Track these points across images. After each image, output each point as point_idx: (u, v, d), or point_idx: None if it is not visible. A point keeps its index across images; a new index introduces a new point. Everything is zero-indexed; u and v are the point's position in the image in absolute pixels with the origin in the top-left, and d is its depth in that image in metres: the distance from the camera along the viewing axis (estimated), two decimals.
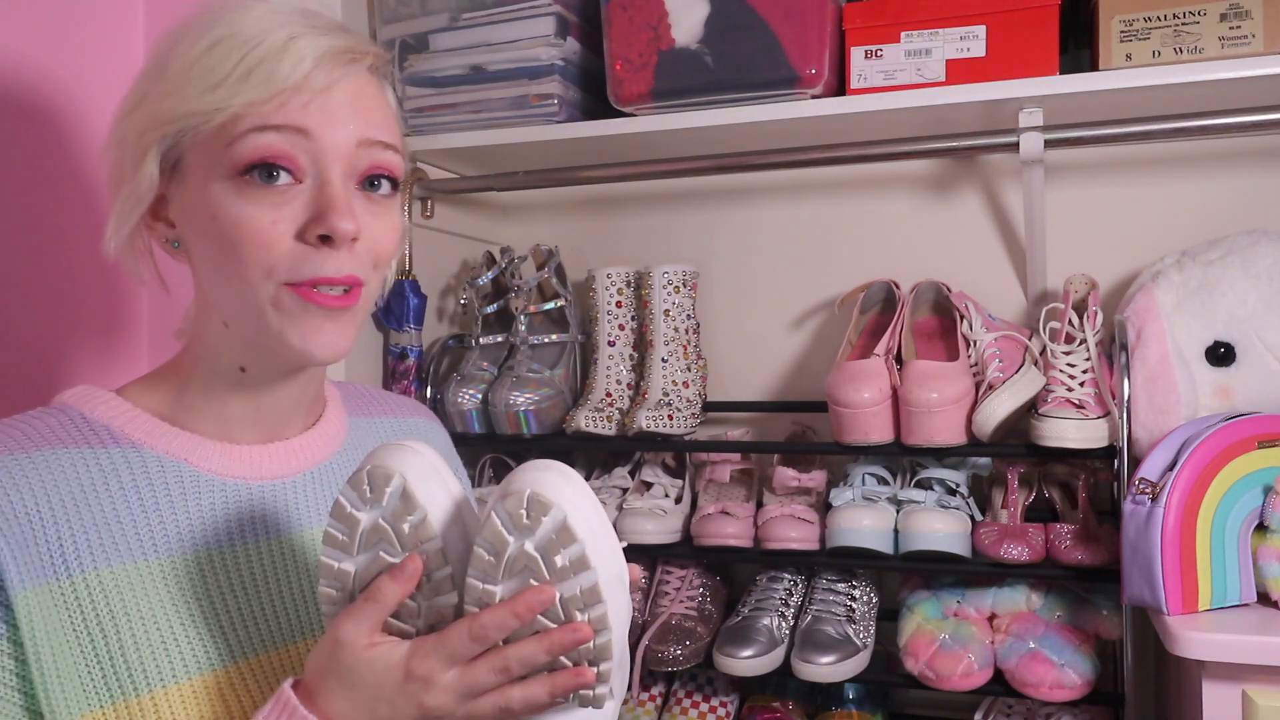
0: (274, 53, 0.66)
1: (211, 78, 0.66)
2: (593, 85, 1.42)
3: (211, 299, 0.72)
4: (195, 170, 0.69)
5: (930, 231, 1.51)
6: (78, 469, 0.69)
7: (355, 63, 0.71)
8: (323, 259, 0.68)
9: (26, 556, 0.65)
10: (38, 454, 0.68)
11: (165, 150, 0.69)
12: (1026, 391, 1.22)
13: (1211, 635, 0.97)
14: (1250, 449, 1.05)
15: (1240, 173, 1.38)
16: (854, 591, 1.34)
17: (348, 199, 0.69)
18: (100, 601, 0.67)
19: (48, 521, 0.66)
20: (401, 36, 1.42)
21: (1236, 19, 1.13)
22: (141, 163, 0.69)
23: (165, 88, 0.68)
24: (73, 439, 0.70)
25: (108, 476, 0.70)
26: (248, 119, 0.66)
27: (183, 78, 0.67)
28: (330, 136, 0.68)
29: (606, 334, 1.46)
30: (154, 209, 0.73)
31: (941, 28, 1.24)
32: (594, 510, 0.64)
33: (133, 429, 0.73)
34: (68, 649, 0.65)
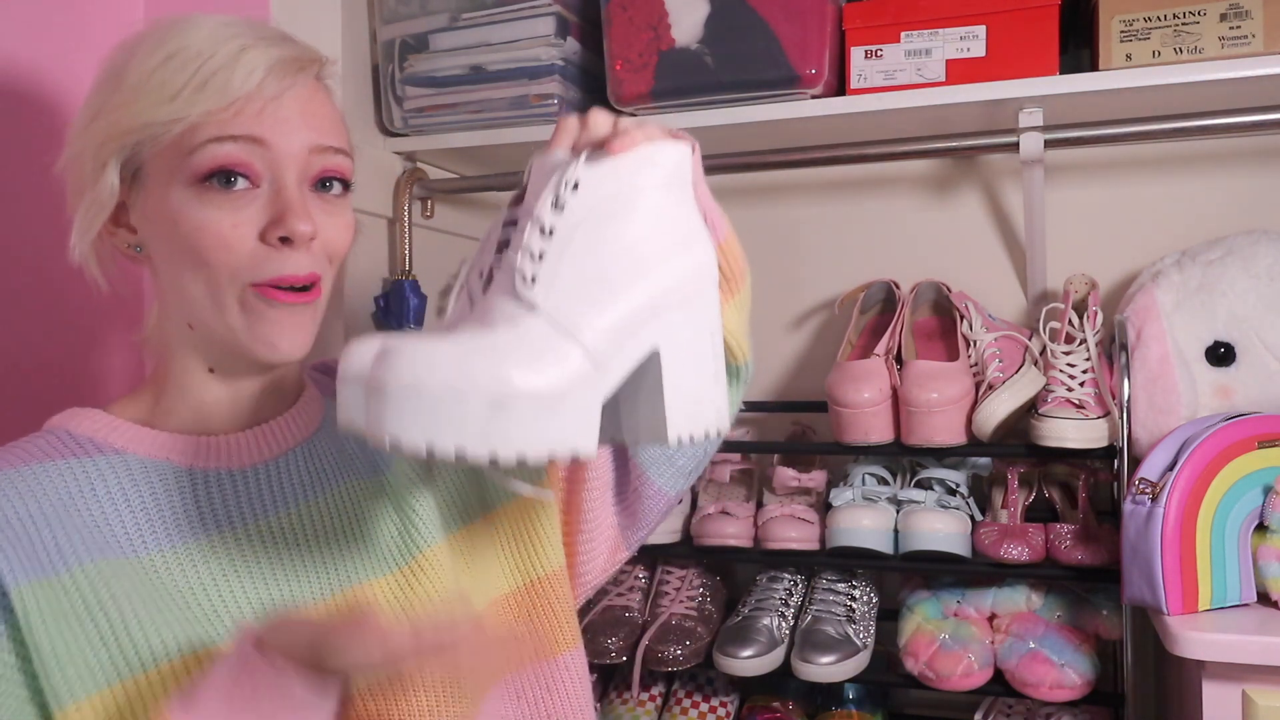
0: (227, 64, 0.69)
1: (168, 89, 0.69)
2: (593, 85, 1.42)
3: (175, 302, 0.75)
4: (156, 178, 0.72)
5: (930, 231, 1.51)
6: (65, 479, 0.72)
7: (303, 71, 0.74)
8: (284, 259, 0.71)
9: (21, 555, 0.67)
10: (26, 469, 0.71)
11: (125, 160, 0.72)
12: (1026, 391, 1.22)
13: (1211, 635, 0.97)
14: (1250, 449, 1.05)
15: (1240, 173, 1.38)
16: (854, 591, 1.34)
17: (303, 202, 0.72)
18: (101, 589, 0.68)
19: (40, 525, 0.68)
20: (401, 36, 1.42)
21: (1236, 19, 1.13)
22: (102, 173, 0.72)
23: (122, 99, 0.71)
24: (59, 453, 0.73)
25: (94, 483, 0.73)
26: (205, 129, 0.69)
27: (139, 90, 0.70)
28: (284, 144, 0.72)
29: None
30: (115, 216, 0.76)
31: (941, 28, 1.24)
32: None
33: (114, 438, 0.75)
34: (71, 634, 0.66)
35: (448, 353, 0.57)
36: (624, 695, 1.43)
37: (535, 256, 0.63)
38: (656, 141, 0.69)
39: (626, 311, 0.64)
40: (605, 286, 0.63)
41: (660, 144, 0.69)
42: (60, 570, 0.67)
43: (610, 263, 0.64)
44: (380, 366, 0.57)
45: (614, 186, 0.65)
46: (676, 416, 0.67)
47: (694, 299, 0.69)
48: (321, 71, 0.77)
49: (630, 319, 0.64)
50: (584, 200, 0.64)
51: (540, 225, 0.64)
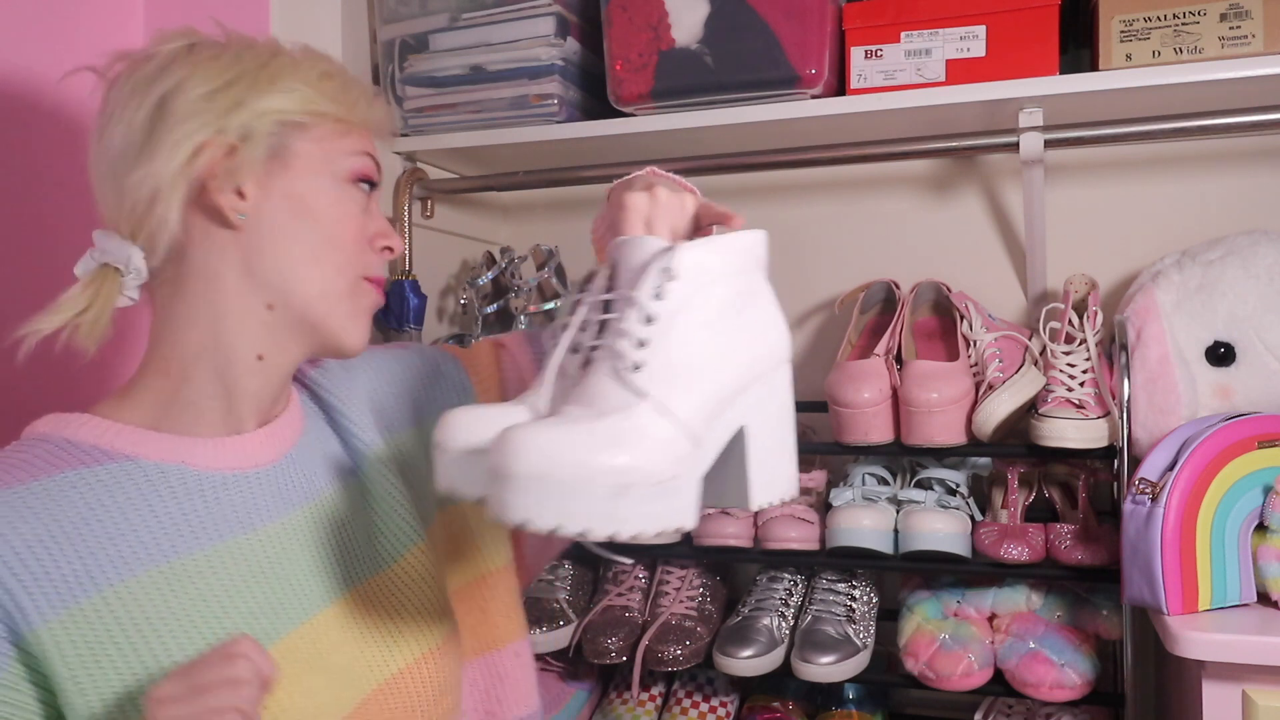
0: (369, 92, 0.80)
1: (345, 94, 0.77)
2: (593, 85, 1.42)
3: (258, 278, 0.74)
4: (305, 163, 0.75)
5: (930, 231, 1.51)
6: (80, 490, 0.69)
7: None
8: (381, 262, 0.81)
9: (45, 587, 0.65)
10: (36, 485, 0.68)
11: (272, 134, 0.74)
12: (1026, 391, 1.22)
13: (1211, 635, 0.97)
14: (1250, 449, 1.05)
15: (1240, 173, 1.38)
16: (854, 591, 1.34)
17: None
18: (133, 609, 0.67)
19: (63, 546, 0.66)
20: (401, 36, 1.42)
21: (1236, 19, 1.13)
22: (250, 138, 0.72)
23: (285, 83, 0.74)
24: (65, 463, 0.70)
25: (111, 491, 0.70)
26: (358, 139, 0.78)
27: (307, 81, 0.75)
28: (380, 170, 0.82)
29: None
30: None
31: (941, 28, 1.24)
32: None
33: (121, 443, 0.72)
34: (110, 662, 0.65)
35: (571, 442, 0.62)
36: (624, 695, 1.43)
37: (640, 344, 0.68)
38: (740, 231, 0.73)
39: (721, 394, 0.69)
40: (702, 371, 0.69)
41: (745, 233, 0.73)
42: (92, 592, 0.66)
43: (706, 348, 0.70)
44: (508, 454, 0.61)
45: (708, 275, 0.70)
46: (757, 487, 0.73)
47: (773, 376, 0.75)
48: None
49: (723, 400, 0.70)
50: (682, 288, 0.69)
51: (644, 314, 0.68)
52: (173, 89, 0.71)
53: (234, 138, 0.72)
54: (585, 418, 0.64)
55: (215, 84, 0.72)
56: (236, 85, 0.72)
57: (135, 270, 0.72)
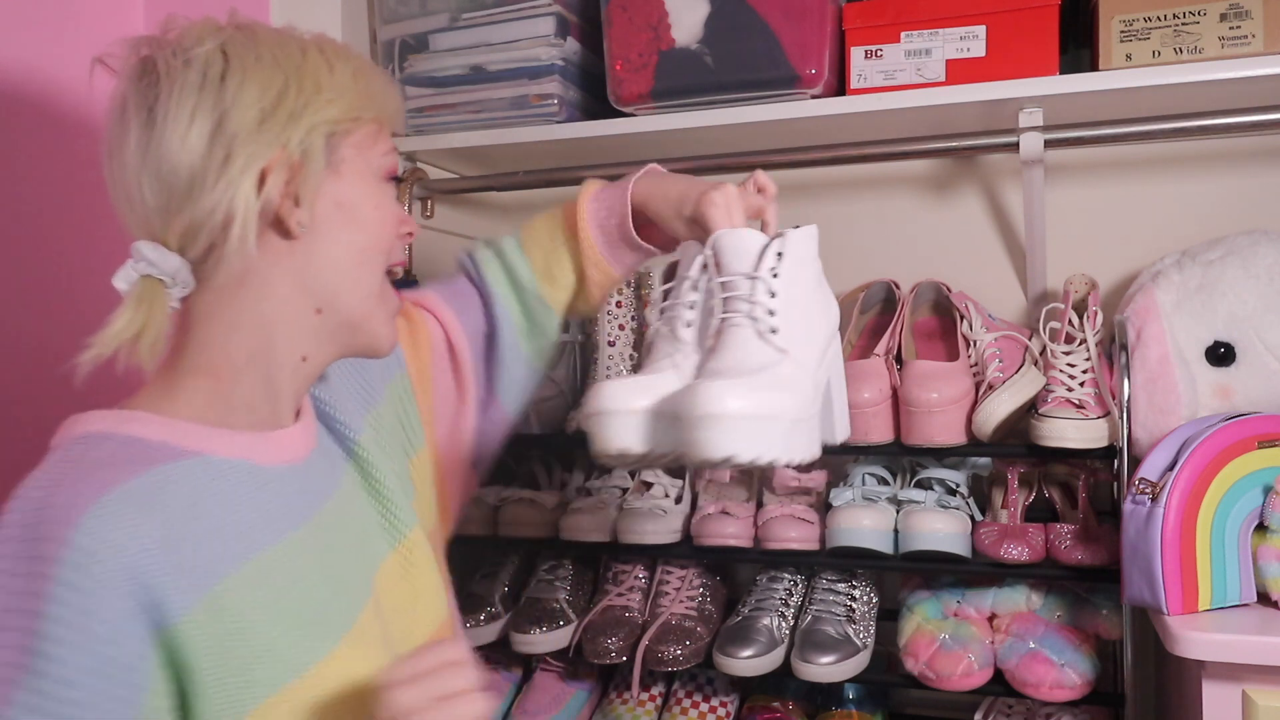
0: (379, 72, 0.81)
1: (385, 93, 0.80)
2: (593, 85, 1.42)
3: (311, 284, 0.75)
4: (353, 166, 0.77)
5: (930, 231, 1.51)
6: (176, 485, 0.68)
7: None
8: (401, 247, 0.83)
9: (179, 581, 0.65)
10: (137, 480, 0.67)
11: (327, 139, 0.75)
12: (1026, 391, 1.22)
13: (1211, 635, 0.97)
14: (1250, 449, 1.05)
15: (1240, 173, 1.38)
16: (854, 591, 1.34)
17: None
18: (246, 598, 0.69)
19: (184, 538, 0.67)
20: (401, 36, 1.42)
21: (1236, 19, 1.13)
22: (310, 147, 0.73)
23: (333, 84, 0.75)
24: (147, 459, 0.69)
25: (196, 487, 0.70)
26: (387, 139, 0.81)
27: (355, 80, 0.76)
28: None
29: (606, 334, 1.46)
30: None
31: (941, 28, 1.24)
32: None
33: (189, 440, 0.72)
34: (234, 651, 0.67)
35: (757, 390, 0.78)
36: (624, 695, 1.43)
37: (770, 313, 0.86)
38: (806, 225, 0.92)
39: (822, 351, 0.89)
40: (812, 334, 0.88)
41: (812, 226, 0.92)
42: (205, 590, 0.67)
43: (811, 316, 0.89)
44: (714, 404, 0.76)
45: (803, 258, 0.90)
46: (840, 426, 0.95)
47: (836, 340, 0.95)
48: None
49: (823, 356, 0.89)
50: (791, 269, 0.88)
51: (769, 289, 0.86)
52: (229, 107, 0.70)
53: (296, 154, 0.72)
54: (751, 372, 0.80)
55: (267, 98, 0.71)
56: (287, 96, 0.72)
57: (182, 282, 0.72)
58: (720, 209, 0.90)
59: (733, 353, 0.83)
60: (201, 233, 0.70)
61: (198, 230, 0.70)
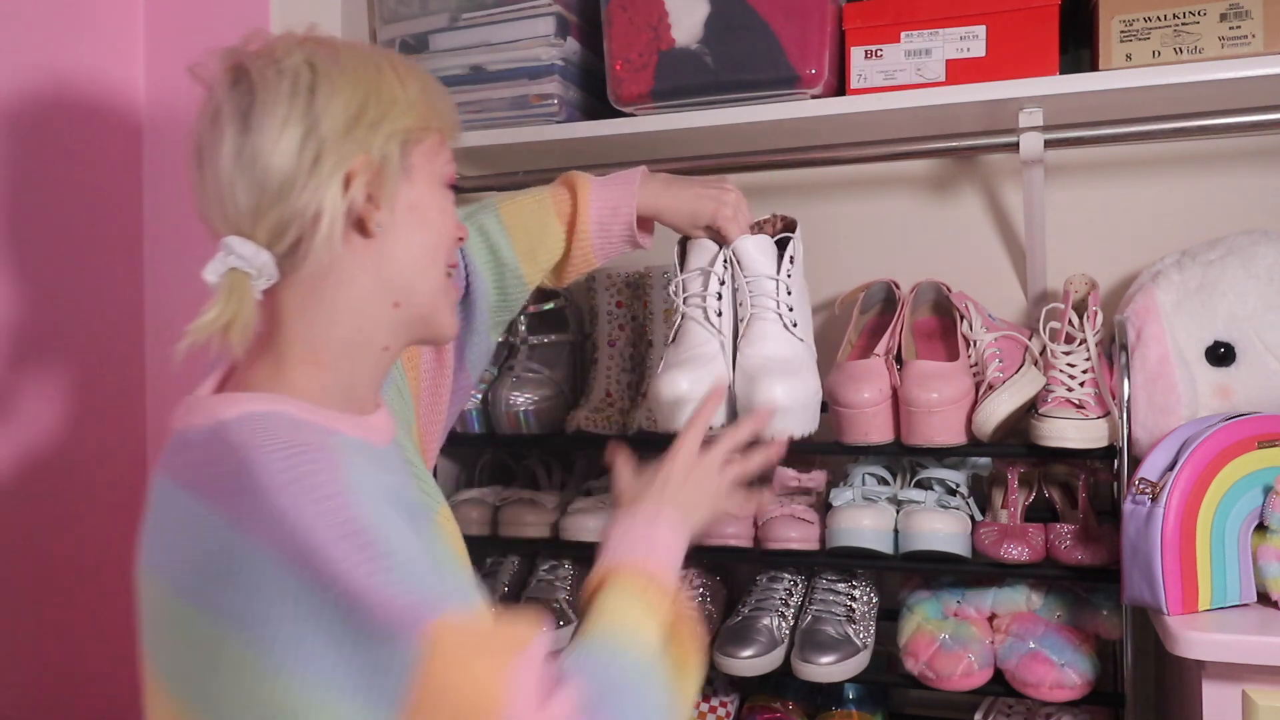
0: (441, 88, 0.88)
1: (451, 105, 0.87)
2: (593, 85, 1.42)
3: (387, 282, 0.81)
4: (422, 173, 0.83)
5: (930, 231, 1.51)
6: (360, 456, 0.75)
7: None
8: (456, 249, 0.90)
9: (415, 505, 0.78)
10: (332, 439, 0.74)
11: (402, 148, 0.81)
12: (1026, 391, 1.22)
13: (1211, 635, 0.97)
14: (1250, 449, 1.05)
15: (1240, 173, 1.38)
16: (854, 591, 1.34)
17: None
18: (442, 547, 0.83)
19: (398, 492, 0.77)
20: (401, 36, 1.42)
21: (1236, 19, 1.13)
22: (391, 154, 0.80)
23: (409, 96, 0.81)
24: (320, 433, 0.74)
25: (357, 459, 0.74)
26: (448, 149, 0.88)
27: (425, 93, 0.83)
28: None
29: (606, 334, 1.46)
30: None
31: (941, 28, 1.24)
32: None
33: (323, 420, 0.77)
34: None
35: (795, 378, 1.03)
36: None
37: (789, 309, 1.07)
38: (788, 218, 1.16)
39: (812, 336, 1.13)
40: (808, 322, 1.12)
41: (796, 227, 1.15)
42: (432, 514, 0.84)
43: (805, 305, 1.11)
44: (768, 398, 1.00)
45: (796, 259, 1.10)
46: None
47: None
48: None
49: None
50: (796, 269, 1.09)
51: (786, 288, 1.07)
52: (319, 115, 0.76)
53: (376, 160, 0.78)
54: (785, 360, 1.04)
55: (351, 108, 0.77)
56: (368, 107, 0.78)
57: (268, 275, 0.77)
58: (735, 223, 1.09)
59: (767, 343, 1.05)
60: (290, 229, 0.76)
61: (287, 227, 0.76)
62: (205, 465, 0.71)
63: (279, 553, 0.64)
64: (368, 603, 0.63)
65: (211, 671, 0.66)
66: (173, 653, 0.69)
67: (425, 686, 0.62)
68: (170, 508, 0.71)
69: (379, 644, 0.62)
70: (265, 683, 0.64)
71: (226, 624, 0.65)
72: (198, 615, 0.67)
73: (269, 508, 0.66)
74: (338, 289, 0.79)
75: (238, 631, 0.65)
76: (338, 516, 0.66)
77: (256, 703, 0.64)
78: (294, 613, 0.63)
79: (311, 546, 0.64)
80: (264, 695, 0.64)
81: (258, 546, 0.65)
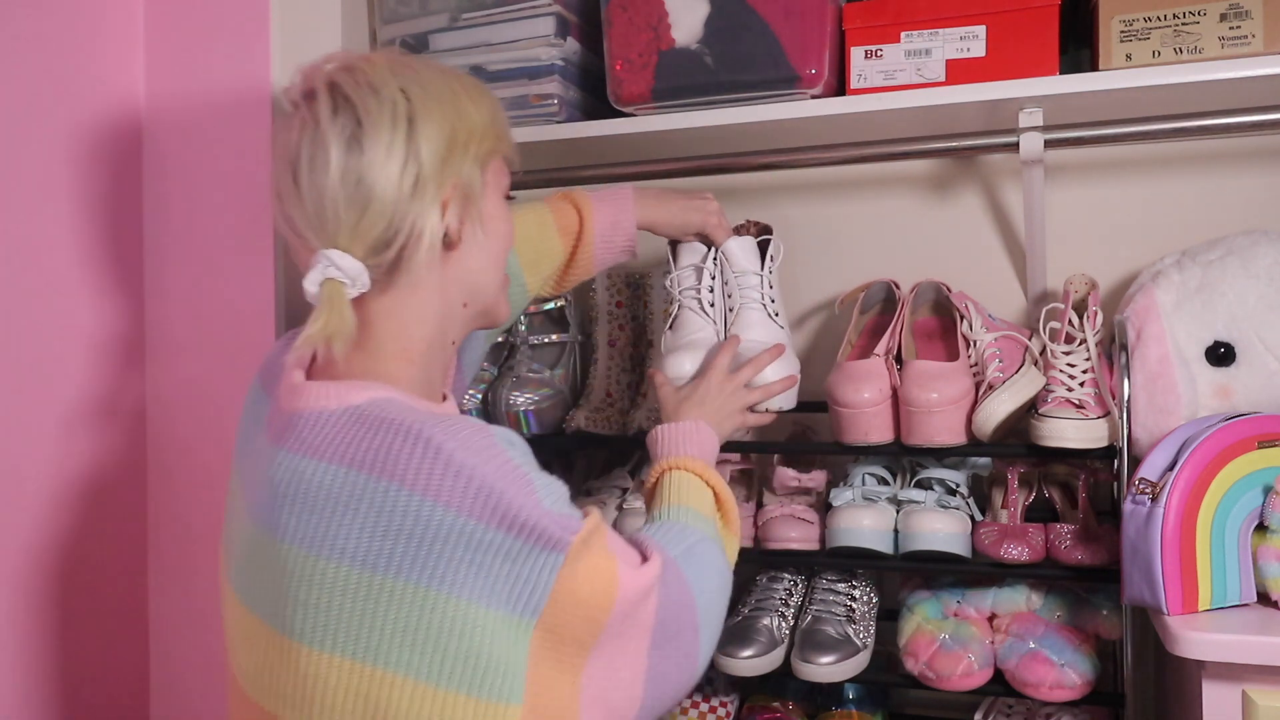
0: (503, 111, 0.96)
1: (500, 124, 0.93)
2: (593, 85, 1.42)
3: (461, 284, 0.90)
4: (491, 186, 0.93)
5: (930, 231, 1.51)
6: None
7: None
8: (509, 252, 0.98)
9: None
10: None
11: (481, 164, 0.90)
12: (1026, 391, 1.22)
13: (1211, 635, 0.97)
14: (1250, 449, 1.05)
15: (1240, 173, 1.38)
16: (854, 591, 1.34)
17: None
18: None
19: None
20: (401, 36, 1.42)
21: (1236, 19, 1.13)
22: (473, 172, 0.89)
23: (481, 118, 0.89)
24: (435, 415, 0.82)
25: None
26: (508, 168, 0.97)
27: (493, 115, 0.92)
28: None
29: (607, 334, 1.46)
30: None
31: (941, 28, 1.24)
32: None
33: (426, 406, 0.85)
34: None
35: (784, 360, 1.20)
36: None
37: (771, 300, 1.24)
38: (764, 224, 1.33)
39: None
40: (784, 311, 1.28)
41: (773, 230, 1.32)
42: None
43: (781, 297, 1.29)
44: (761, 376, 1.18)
45: (777, 258, 1.27)
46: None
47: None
48: None
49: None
50: (776, 266, 1.26)
51: (768, 282, 1.25)
52: (419, 144, 0.84)
53: (465, 183, 0.87)
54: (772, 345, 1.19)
55: (444, 137, 0.85)
56: (457, 136, 0.86)
57: (360, 285, 0.83)
58: (721, 229, 1.25)
59: (754, 329, 1.21)
60: (392, 247, 0.83)
61: (388, 244, 0.83)
62: (365, 443, 0.78)
63: (462, 504, 0.75)
64: (533, 530, 0.76)
65: (396, 625, 0.75)
66: (356, 622, 0.76)
67: (560, 588, 0.77)
68: (330, 488, 0.77)
69: (535, 560, 0.76)
70: (447, 619, 0.75)
71: (413, 578, 0.75)
72: (382, 579, 0.75)
73: (452, 469, 0.75)
74: (423, 295, 0.88)
75: (425, 583, 0.75)
76: (502, 465, 0.77)
77: (433, 637, 0.75)
78: (472, 554, 0.75)
79: (491, 492, 0.75)
80: (442, 628, 0.75)
81: (446, 504, 0.75)
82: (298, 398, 0.83)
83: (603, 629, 0.81)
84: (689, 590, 0.90)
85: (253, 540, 0.82)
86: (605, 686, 0.83)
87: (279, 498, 0.79)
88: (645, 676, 0.86)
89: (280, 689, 0.79)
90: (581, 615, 0.79)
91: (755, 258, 1.25)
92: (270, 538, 0.79)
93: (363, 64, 0.86)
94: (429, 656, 0.75)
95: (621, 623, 0.82)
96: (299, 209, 0.83)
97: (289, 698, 0.78)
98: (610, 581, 0.80)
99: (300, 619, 0.77)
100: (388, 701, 0.75)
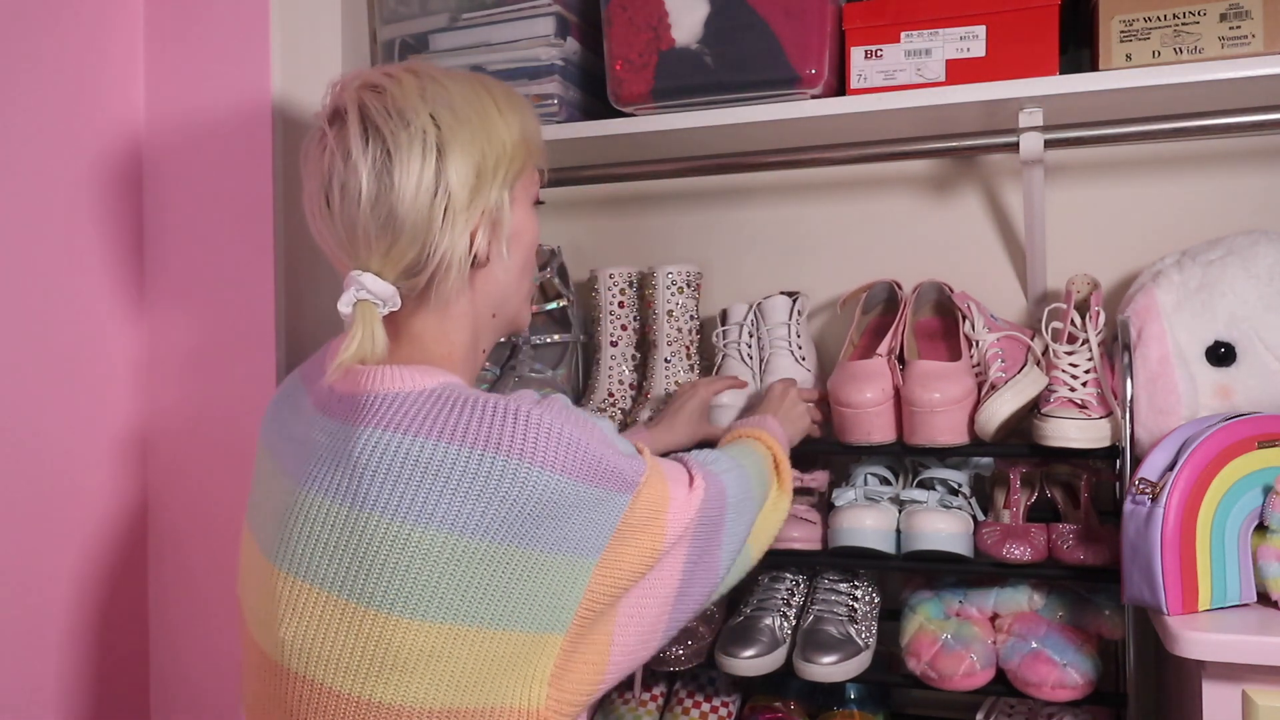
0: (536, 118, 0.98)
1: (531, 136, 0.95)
2: (593, 85, 1.42)
3: (491, 296, 0.94)
4: (520, 199, 0.94)
5: (931, 232, 1.51)
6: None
7: None
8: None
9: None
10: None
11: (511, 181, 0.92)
12: (1029, 391, 1.23)
13: (1211, 635, 0.97)
14: (1250, 449, 1.05)
15: (1240, 173, 1.37)
16: (856, 591, 1.35)
17: None
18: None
19: None
20: (401, 36, 1.42)
21: (1236, 19, 1.13)
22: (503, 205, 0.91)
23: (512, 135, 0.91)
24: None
25: None
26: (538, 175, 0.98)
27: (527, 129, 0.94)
28: None
29: (609, 334, 1.46)
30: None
31: (941, 28, 1.24)
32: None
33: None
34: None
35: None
36: (625, 695, 1.43)
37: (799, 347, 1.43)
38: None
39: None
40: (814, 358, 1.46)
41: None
42: None
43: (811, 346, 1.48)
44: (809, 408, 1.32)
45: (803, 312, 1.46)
46: None
47: None
48: None
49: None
50: (804, 319, 1.46)
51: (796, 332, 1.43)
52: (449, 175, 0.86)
53: (494, 208, 0.89)
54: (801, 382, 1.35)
55: (472, 166, 0.87)
56: (486, 162, 0.88)
57: (391, 304, 0.86)
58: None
59: (785, 371, 1.38)
60: (423, 272, 0.87)
61: (418, 270, 0.86)
62: (450, 419, 0.81)
63: (564, 469, 0.80)
64: (613, 476, 0.82)
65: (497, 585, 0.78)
66: (462, 587, 0.78)
67: (624, 524, 0.83)
68: (420, 459, 0.80)
69: (609, 503, 0.82)
70: (529, 571, 0.79)
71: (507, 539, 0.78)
72: (489, 544, 0.78)
73: (542, 432, 0.80)
74: (454, 310, 0.91)
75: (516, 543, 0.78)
76: (579, 422, 0.82)
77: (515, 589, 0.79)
78: (564, 510, 0.80)
79: (578, 447, 0.81)
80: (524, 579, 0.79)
81: (542, 466, 0.79)
82: (367, 380, 0.85)
83: (657, 559, 0.86)
84: (724, 508, 0.95)
85: (321, 514, 0.82)
86: (642, 604, 0.88)
87: (362, 471, 0.81)
88: (677, 591, 0.90)
89: (349, 660, 0.79)
90: (636, 548, 0.84)
91: (785, 311, 1.40)
92: (351, 511, 0.80)
93: (391, 85, 0.87)
94: (502, 605, 0.79)
95: (672, 547, 0.88)
96: (331, 231, 0.87)
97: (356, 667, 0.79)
98: (659, 510, 0.86)
99: (385, 587, 0.78)
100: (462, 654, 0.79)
